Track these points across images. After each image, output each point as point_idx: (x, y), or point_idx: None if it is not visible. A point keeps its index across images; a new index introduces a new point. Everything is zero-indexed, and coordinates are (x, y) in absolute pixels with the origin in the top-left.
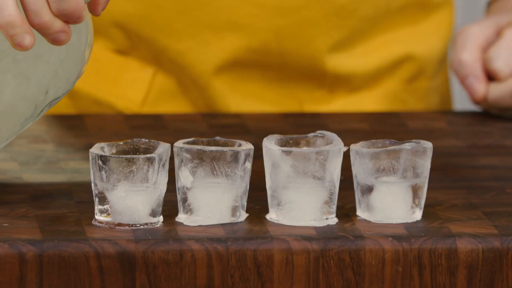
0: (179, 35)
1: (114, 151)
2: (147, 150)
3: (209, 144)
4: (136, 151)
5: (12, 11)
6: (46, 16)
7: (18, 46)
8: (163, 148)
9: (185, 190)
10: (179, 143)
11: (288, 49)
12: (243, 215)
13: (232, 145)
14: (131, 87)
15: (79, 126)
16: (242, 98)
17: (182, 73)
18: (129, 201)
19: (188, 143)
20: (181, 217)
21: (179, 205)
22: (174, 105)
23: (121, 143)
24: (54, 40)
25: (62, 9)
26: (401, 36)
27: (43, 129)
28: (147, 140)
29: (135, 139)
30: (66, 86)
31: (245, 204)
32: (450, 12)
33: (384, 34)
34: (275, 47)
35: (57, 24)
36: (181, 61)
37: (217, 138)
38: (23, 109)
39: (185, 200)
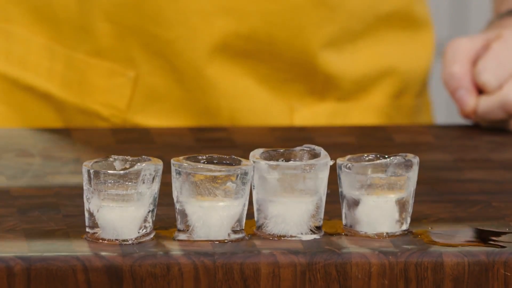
0: (168, 22)
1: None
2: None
3: (208, 161)
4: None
5: None
6: None
7: None
8: (152, 164)
9: (182, 207)
10: (177, 159)
11: (279, 37)
12: (241, 232)
13: (231, 162)
14: (114, 94)
15: (66, 139)
16: (234, 88)
17: (171, 65)
18: (117, 216)
19: (187, 159)
20: (179, 234)
21: (177, 223)
22: (160, 106)
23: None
24: None
25: None
26: (386, 50)
27: (29, 143)
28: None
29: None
30: None
31: (244, 220)
32: (431, 35)
33: (371, 45)
34: (264, 34)
35: None
36: (171, 50)
37: (215, 155)
38: None
39: (182, 216)
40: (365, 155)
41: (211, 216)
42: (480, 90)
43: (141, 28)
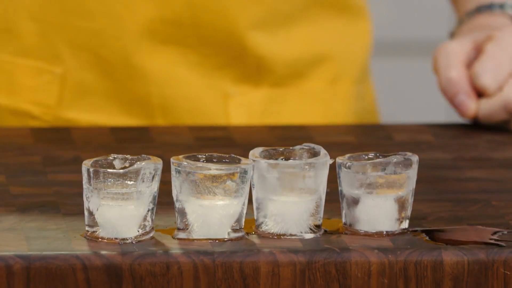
0: (92, 14)
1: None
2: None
3: (207, 159)
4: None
5: None
6: None
7: None
8: (152, 162)
9: (182, 206)
10: (177, 158)
11: (203, 20)
12: (240, 231)
13: (231, 161)
14: (43, 91)
15: (65, 138)
16: (164, 75)
17: (98, 57)
18: (117, 215)
19: (187, 158)
20: (178, 233)
21: (177, 222)
22: (91, 100)
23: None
24: None
25: None
26: (320, 35)
27: (29, 142)
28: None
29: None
30: None
31: (243, 219)
32: (367, 24)
33: (305, 29)
34: (189, 17)
35: None
36: (97, 41)
37: (215, 154)
38: None
39: (182, 215)
40: (365, 154)
41: (211, 215)
42: (479, 93)
43: (65, 23)
